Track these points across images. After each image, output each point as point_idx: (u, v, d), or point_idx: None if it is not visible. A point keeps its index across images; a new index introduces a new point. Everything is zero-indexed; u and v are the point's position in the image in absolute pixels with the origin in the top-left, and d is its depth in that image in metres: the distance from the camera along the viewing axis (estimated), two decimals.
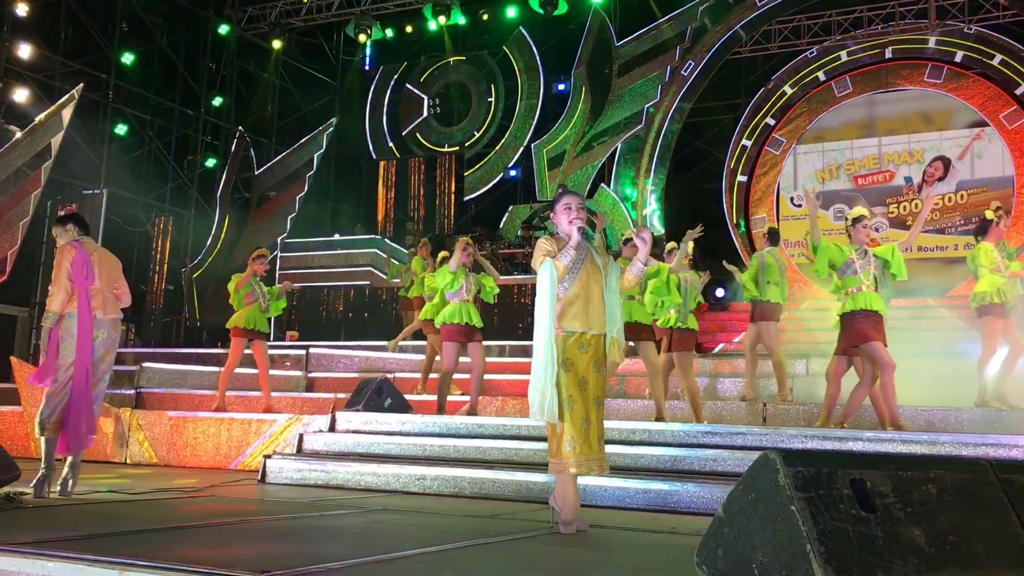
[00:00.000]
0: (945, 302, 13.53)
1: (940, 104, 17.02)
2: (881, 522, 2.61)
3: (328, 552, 3.70)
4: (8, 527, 4.21)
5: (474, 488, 6.13)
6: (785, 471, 2.63)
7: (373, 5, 18.50)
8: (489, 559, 3.79)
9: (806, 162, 17.98)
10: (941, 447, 5.60)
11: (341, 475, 6.62)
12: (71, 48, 16.31)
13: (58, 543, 3.56)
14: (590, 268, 4.54)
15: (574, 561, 3.78)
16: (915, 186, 16.99)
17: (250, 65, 19.85)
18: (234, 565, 3.18)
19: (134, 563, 3.11)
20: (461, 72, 19.98)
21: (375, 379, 8.40)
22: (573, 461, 4.38)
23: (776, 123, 18.14)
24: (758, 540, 2.65)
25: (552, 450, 4.44)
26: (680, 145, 18.23)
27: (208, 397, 9.94)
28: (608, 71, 17.67)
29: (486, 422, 7.28)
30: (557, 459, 4.41)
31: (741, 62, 18.76)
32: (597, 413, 4.42)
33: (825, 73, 17.88)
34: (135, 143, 17.66)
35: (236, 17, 19.07)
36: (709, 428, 6.43)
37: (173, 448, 8.58)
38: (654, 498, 5.55)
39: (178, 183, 18.36)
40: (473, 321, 8.04)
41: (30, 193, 13.95)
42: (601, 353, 4.49)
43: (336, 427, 7.65)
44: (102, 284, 5.79)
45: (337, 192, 21.28)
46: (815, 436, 5.97)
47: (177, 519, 4.74)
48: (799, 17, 18.00)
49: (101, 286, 5.78)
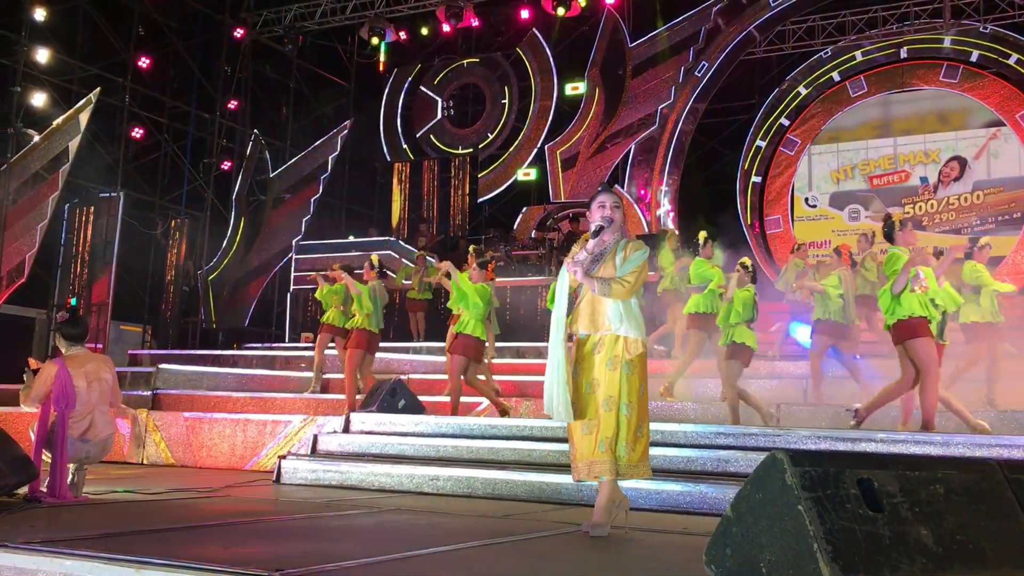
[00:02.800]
0: None
1: (956, 104, 16.94)
2: (888, 522, 2.62)
3: (343, 551, 3.74)
4: (27, 526, 4.26)
5: (487, 489, 6.16)
6: (792, 471, 2.65)
7: (387, 8, 18.56)
8: (502, 559, 3.82)
9: (821, 163, 17.92)
10: (955, 448, 5.59)
11: (355, 476, 6.67)
12: (88, 52, 16.44)
13: (76, 542, 3.61)
14: (606, 268, 4.41)
15: (586, 561, 3.80)
16: (931, 186, 16.91)
17: (265, 68, 19.96)
18: (250, 564, 3.21)
19: (151, 561, 3.16)
20: (475, 74, 20.02)
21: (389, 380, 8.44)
22: (574, 467, 4.37)
23: (790, 124, 18.08)
24: (766, 539, 2.67)
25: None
26: (694, 146, 18.21)
27: (224, 399, 10.02)
28: (622, 72, 17.66)
29: (499, 423, 7.31)
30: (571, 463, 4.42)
31: (755, 63, 18.71)
32: (608, 415, 4.23)
33: (840, 73, 17.81)
34: (151, 146, 17.78)
35: (251, 21, 19.18)
36: (721, 429, 6.43)
37: (189, 449, 8.65)
38: (666, 499, 5.56)
39: (194, 186, 18.48)
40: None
41: (48, 196, 14.09)
42: (622, 353, 4.30)
43: (350, 428, 7.70)
44: (94, 403, 5.51)
45: (351, 194, 21.35)
46: (827, 437, 5.96)
47: (193, 518, 4.79)
48: (813, 17, 17.94)
49: (93, 405, 5.51)
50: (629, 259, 4.37)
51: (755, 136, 18.22)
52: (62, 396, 5.39)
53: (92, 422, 5.49)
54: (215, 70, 18.89)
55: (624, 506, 4.44)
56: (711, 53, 17.25)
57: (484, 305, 8.27)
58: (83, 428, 5.46)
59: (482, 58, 19.91)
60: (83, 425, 5.46)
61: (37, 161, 14.18)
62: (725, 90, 18.14)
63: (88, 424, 5.48)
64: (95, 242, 15.38)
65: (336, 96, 21.24)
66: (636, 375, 4.30)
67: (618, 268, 4.38)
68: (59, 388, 5.40)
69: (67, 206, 15.56)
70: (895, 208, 16.86)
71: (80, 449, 5.46)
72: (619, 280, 4.33)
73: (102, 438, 5.55)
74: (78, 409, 5.46)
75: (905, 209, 16.88)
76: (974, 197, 16.54)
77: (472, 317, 8.22)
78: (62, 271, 15.61)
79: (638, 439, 4.26)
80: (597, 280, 4.35)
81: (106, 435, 5.58)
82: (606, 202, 4.48)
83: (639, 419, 4.27)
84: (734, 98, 18.83)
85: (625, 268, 4.36)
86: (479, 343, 8.28)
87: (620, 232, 4.55)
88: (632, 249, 4.41)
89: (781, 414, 7.78)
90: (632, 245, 4.44)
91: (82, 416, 5.47)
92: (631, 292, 4.35)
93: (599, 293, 4.34)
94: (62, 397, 5.39)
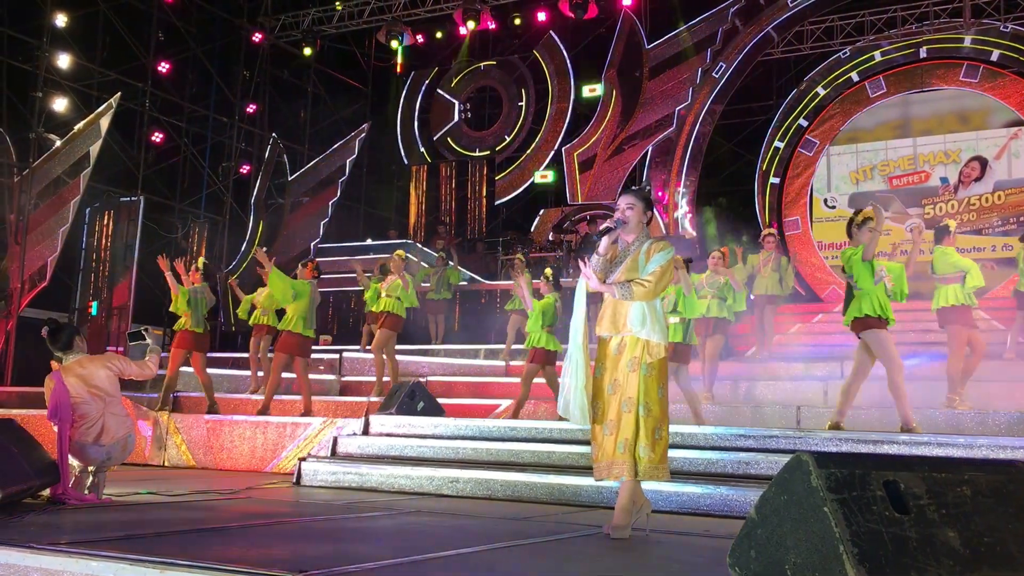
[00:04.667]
0: (984, 303, 13.33)
1: (976, 103, 16.79)
2: (915, 524, 2.60)
3: (364, 553, 3.75)
4: (51, 527, 4.30)
5: (507, 491, 6.16)
6: (818, 472, 2.63)
7: (404, 12, 18.61)
8: (524, 561, 3.81)
9: (840, 163, 17.82)
10: (978, 450, 5.55)
11: (375, 478, 6.68)
12: (108, 58, 16.57)
13: (100, 543, 3.64)
14: (628, 270, 4.39)
15: (607, 563, 3.79)
16: (951, 186, 16.78)
17: (283, 72, 20.06)
18: (272, 565, 3.23)
19: (174, 562, 3.17)
20: (491, 77, 20.04)
21: (408, 383, 8.46)
22: (595, 467, 4.37)
23: (809, 124, 17.99)
24: (791, 541, 2.65)
25: None
26: (711, 147, 18.14)
27: (243, 401, 10.07)
28: (639, 74, 17.63)
29: (519, 425, 7.31)
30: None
31: (773, 63, 18.64)
32: (628, 417, 4.22)
33: (858, 74, 17.71)
34: (171, 150, 17.90)
35: (269, 25, 19.29)
36: (743, 431, 6.41)
37: (210, 451, 8.70)
38: (687, 501, 5.54)
39: (213, 189, 18.59)
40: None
41: (69, 201, 14.21)
42: (642, 354, 4.28)
43: (370, 430, 7.72)
44: (103, 406, 5.52)
45: (369, 197, 21.42)
46: (849, 440, 5.92)
47: (215, 520, 4.82)
48: (832, 17, 17.85)
49: (101, 409, 5.51)
50: (653, 259, 4.34)
51: (773, 137, 18.14)
52: (56, 409, 5.41)
53: (104, 426, 5.50)
54: (234, 74, 19.00)
55: (646, 509, 4.43)
56: (729, 54, 17.19)
57: (551, 316, 8.96)
58: (96, 433, 5.48)
59: (499, 60, 19.93)
60: (95, 430, 5.48)
61: (59, 165, 14.31)
62: (743, 91, 18.07)
63: (100, 428, 5.49)
64: (116, 246, 15.49)
65: (354, 99, 21.32)
66: (655, 377, 4.28)
67: (641, 268, 4.36)
68: (54, 402, 5.44)
69: (88, 210, 15.68)
70: (915, 209, 16.76)
71: (98, 453, 5.50)
72: (639, 281, 4.30)
73: (118, 439, 5.55)
74: (85, 415, 5.48)
75: (925, 210, 16.76)
76: (995, 197, 16.40)
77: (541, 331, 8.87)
78: (83, 275, 15.73)
79: (656, 441, 4.24)
80: (616, 286, 4.33)
81: (121, 435, 5.58)
82: (620, 204, 4.49)
83: (658, 421, 4.25)
84: (752, 99, 18.76)
85: (648, 268, 4.33)
86: (550, 353, 8.84)
87: (644, 232, 4.52)
88: (656, 249, 4.38)
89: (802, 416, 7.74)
90: (656, 245, 4.42)
91: (92, 422, 5.48)
92: (654, 293, 4.31)
93: (618, 297, 4.32)
94: (57, 410, 5.41)
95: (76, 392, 5.47)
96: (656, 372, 4.29)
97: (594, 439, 4.37)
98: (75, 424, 5.44)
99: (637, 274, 4.35)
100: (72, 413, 5.43)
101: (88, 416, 5.49)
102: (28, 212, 14.03)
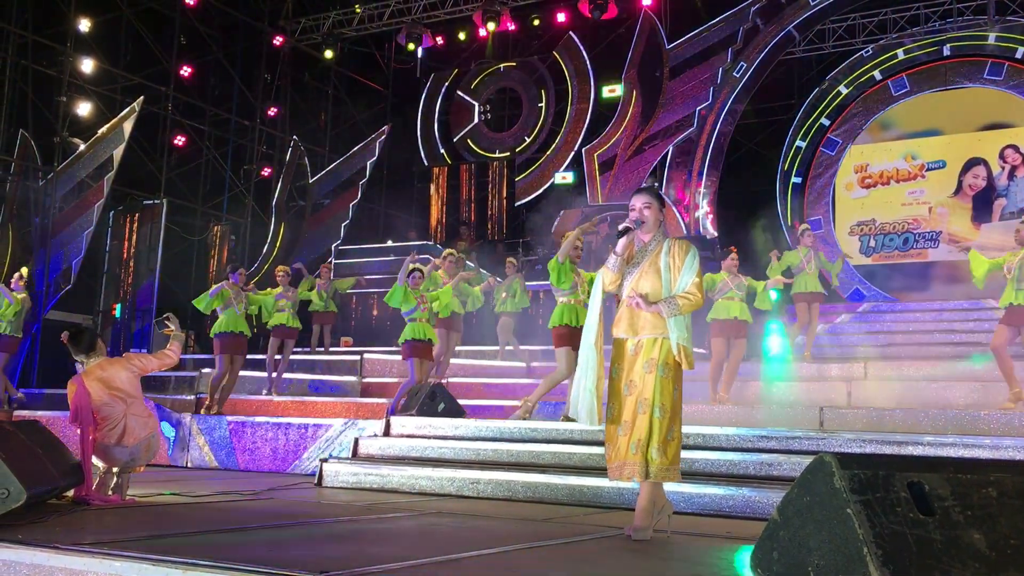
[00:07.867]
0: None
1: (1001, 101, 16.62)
2: (940, 525, 2.58)
3: (385, 554, 3.75)
4: (75, 528, 4.33)
5: (528, 492, 6.15)
6: (841, 474, 2.61)
7: (424, 14, 18.66)
8: (545, 562, 3.81)
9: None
10: (1004, 451, 5.49)
11: (396, 479, 6.69)
12: (132, 62, 16.72)
13: (124, 543, 3.66)
14: (648, 271, 4.38)
15: (629, 565, 3.77)
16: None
17: (304, 75, 20.16)
18: (294, 566, 3.24)
19: (197, 563, 3.19)
20: (511, 78, 20.04)
21: (428, 384, 8.47)
22: (609, 467, 4.35)
23: (831, 123, 17.87)
24: (814, 543, 2.63)
25: None
26: (732, 147, 18.05)
27: (265, 402, 10.13)
28: (659, 74, 17.57)
29: (539, 426, 7.29)
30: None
31: (794, 62, 18.53)
32: (642, 417, 4.20)
33: (881, 72, 17.57)
34: (193, 153, 18.03)
35: (290, 29, 19.39)
36: (765, 432, 6.36)
37: (232, 452, 8.75)
38: (708, 503, 5.51)
39: (235, 192, 18.71)
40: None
41: (94, 204, 14.34)
42: (659, 355, 4.24)
43: (390, 432, 7.73)
44: (122, 411, 5.54)
45: (390, 199, 21.47)
46: (873, 441, 5.86)
47: (237, 521, 4.84)
48: (853, 16, 17.73)
49: (123, 411, 5.54)
50: (685, 268, 4.33)
51: (795, 136, 18.04)
52: (77, 413, 5.47)
53: (125, 427, 5.52)
54: (255, 78, 19.12)
55: (667, 510, 4.41)
56: (749, 53, 17.10)
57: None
58: (118, 435, 5.51)
59: (519, 62, 19.93)
60: (117, 432, 5.51)
61: (83, 169, 14.45)
62: (764, 90, 17.95)
63: (122, 430, 5.51)
64: (139, 248, 15.62)
65: (374, 102, 21.40)
66: (670, 379, 4.27)
67: (664, 270, 4.35)
68: (75, 406, 5.50)
69: (112, 213, 15.82)
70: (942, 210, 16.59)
71: (122, 454, 5.53)
72: (683, 295, 4.29)
73: (140, 439, 5.57)
74: (108, 417, 5.52)
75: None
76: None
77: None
78: (107, 277, 15.87)
79: (668, 443, 4.21)
80: (663, 304, 4.27)
81: (143, 436, 5.59)
82: (636, 203, 4.45)
83: (671, 422, 4.23)
84: (773, 99, 18.63)
85: (684, 280, 4.31)
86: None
87: (661, 232, 4.50)
88: (681, 255, 4.37)
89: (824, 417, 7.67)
90: (678, 247, 4.40)
91: (114, 423, 5.51)
92: (701, 301, 4.33)
93: (666, 316, 4.27)
94: (78, 414, 5.47)
95: (97, 395, 5.51)
96: (673, 373, 4.28)
97: (609, 439, 4.36)
98: (98, 426, 5.49)
99: (658, 273, 4.34)
100: (95, 415, 5.48)
101: (110, 418, 5.52)
102: (53, 215, 14.16)
